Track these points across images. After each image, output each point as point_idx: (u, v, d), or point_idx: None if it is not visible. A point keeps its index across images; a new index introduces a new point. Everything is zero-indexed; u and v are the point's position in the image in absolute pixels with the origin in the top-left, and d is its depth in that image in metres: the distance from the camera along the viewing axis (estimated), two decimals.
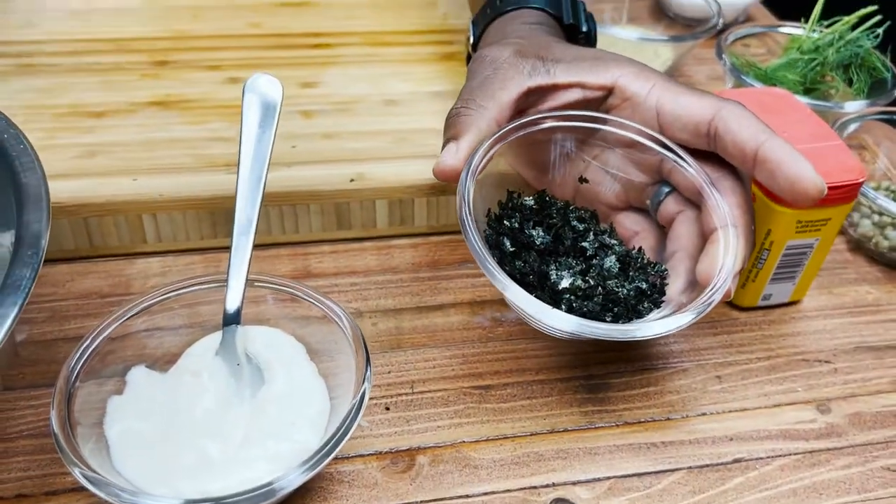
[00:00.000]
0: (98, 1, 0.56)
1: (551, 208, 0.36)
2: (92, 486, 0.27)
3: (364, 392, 0.30)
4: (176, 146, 0.44)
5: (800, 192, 0.32)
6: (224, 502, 0.27)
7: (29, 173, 0.30)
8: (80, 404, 0.30)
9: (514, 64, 0.36)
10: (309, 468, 0.28)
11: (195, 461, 0.30)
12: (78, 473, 0.27)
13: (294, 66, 0.51)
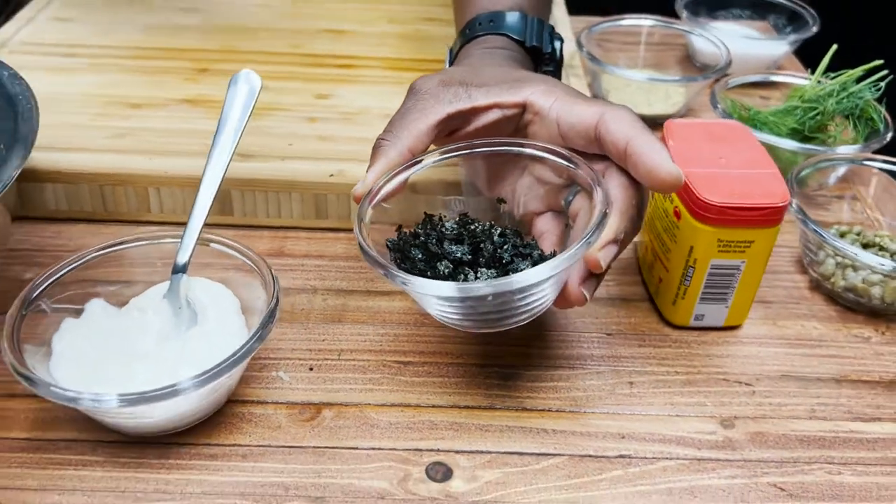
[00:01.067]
0: (167, 18, 0.65)
1: (472, 226, 0.39)
2: (25, 382, 0.32)
3: (264, 327, 0.34)
4: (192, 136, 0.51)
5: (656, 179, 0.34)
6: (127, 396, 0.32)
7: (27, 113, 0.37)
8: (36, 323, 0.36)
9: (435, 94, 0.40)
10: (204, 380, 0.32)
11: (121, 376, 0.35)
12: (12, 370, 0.33)
13: (314, 81, 0.57)
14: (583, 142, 0.38)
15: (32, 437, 0.36)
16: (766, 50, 0.66)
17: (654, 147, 0.35)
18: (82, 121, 0.52)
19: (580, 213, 0.38)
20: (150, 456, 0.36)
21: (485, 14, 0.48)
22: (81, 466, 0.35)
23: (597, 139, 0.37)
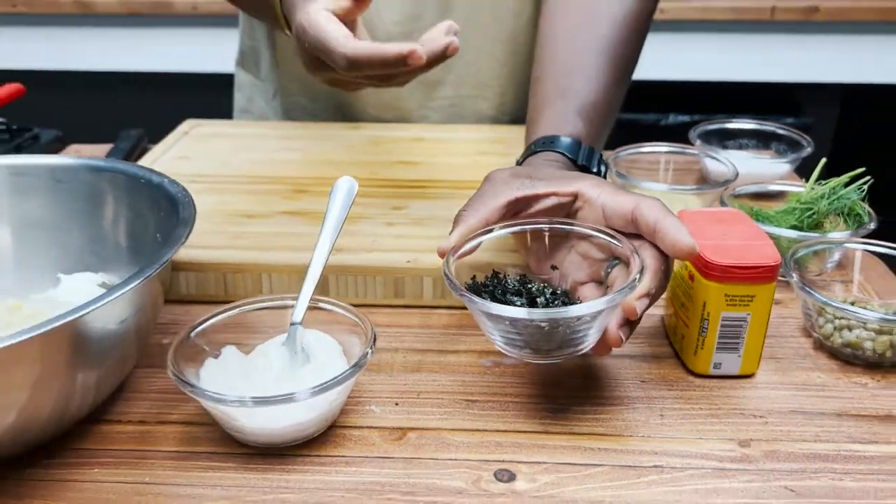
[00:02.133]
0: (270, 156, 0.80)
1: (529, 285, 0.50)
2: (187, 389, 0.42)
3: (361, 362, 0.44)
4: (294, 237, 0.62)
5: (679, 248, 0.44)
6: (258, 398, 0.41)
7: (187, 209, 0.49)
8: (188, 359, 0.46)
9: (506, 181, 0.52)
10: (317, 391, 0.42)
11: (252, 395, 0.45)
12: (177, 380, 0.43)
13: (391, 198, 0.70)
14: (622, 223, 0.49)
15: (180, 450, 0.45)
16: (770, 169, 0.77)
17: (677, 225, 0.46)
18: (207, 227, 0.64)
19: (617, 280, 0.48)
20: (274, 463, 0.44)
21: (548, 136, 0.60)
22: (219, 471, 0.44)
23: (633, 221, 0.48)
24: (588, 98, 0.63)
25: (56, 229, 0.55)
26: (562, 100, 0.64)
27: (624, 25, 0.68)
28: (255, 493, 0.42)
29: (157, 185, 0.53)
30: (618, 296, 0.44)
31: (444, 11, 0.83)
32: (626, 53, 0.68)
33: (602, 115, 0.64)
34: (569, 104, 0.63)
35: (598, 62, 0.65)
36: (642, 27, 0.70)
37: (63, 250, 0.55)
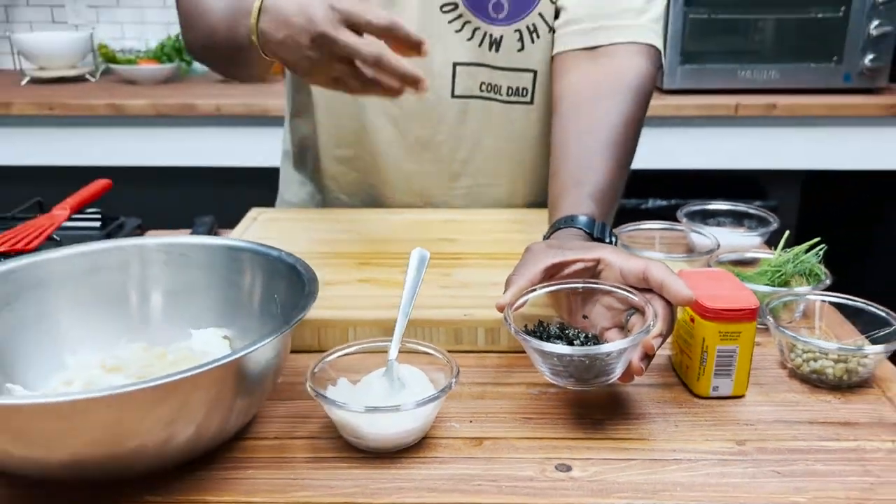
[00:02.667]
0: (334, 237, 0.95)
1: (568, 331, 0.65)
2: (321, 399, 0.56)
3: (449, 385, 0.59)
4: (368, 298, 0.77)
5: (680, 298, 0.60)
6: (371, 407, 0.55)
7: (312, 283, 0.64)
8: (315, 384, 0.60)
9: (543, 251, 0.68)
10: (419, 403, 0.56)
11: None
12: (316, 395, 0.57)
13: (439, 267, 0.85)
14: (635, 280, 0.64)
15: (313, 456, 0.59)
16: (744, 241, 0.94)
17: (678, 281, 0.61)
18: None
19: (636, 325, 0.63)
20: (387, 463, 0.58)
21: (569, 215, 0.76)
22: (347, 469, 0.58)
23: (644, 279, 0.64)
24: (597, 186, 0.80)
25: (192, 293, 0.69)
26: (577, 188, 0.81)
27: (622, 128, 0.85)
28: (377, 483, 0.56)
29: (276, 258, 0.68)
30: (638, 336, 0.59)
31: (460, 122, 1.00)
32: (625, 149, 0.85)
33: (609, 198, 0.81)
34: (583, 191, 0.80)
35: (604, 158, 0.82)
36: (637, 128, 0.88)
37: (196, 310, 0.69)
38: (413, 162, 1.03)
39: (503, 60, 0.98)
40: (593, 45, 0.91)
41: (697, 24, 1.99)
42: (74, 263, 0.66)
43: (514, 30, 0.96)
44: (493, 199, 1.08)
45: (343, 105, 1.02)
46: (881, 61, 1.97)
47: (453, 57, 0.97)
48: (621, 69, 0.89)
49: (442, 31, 0.95)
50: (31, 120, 1.98)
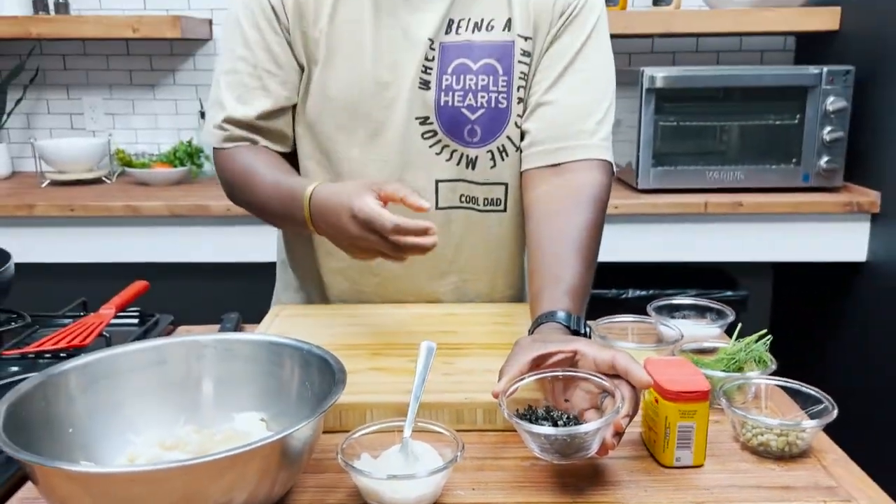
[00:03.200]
0: (345, 331, 1.08)
1: (553, 413, 0.78)
2: (354, 472, 0.68)
3: (456, 458, 0.71)
4: (381, 384, 0.90)
5: (641, 383, 0.74)
6: (393, 474, 0.67)
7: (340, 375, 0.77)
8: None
9: (529, 345, 0.82)
10: (431, 471, 0.68)
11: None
12: (346, 466, 0.69)
13: (441, 356, 0.98)
14: (606, 368, 0.78)
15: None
16: (705, 332, 1.08)
17: (639, 369, 0.75)
18: None
19: (608, 407, 0.76)
20: None
21: (548, 311, 0.90)
22: None
23: (613, 367, 0.77)
24: (571, 284, 0.95)
25: (237, 382, 0.82)
26: (554, 287, 0.95)
27: (587, 233, 1.01)
28: None
29: (308, 351, 0.81)
30: (609, 417, 0.72)
31: (445, 229, 1.15)
32: (591, 250, 1.01)
33: (581, 294, 0.95)
34: (559, 289, 0.94)
35: (574, 259, 0.98)
36: (598, 232, 1.04)
37: (239, 396, 0.82)
38: (402, 266, 1.17)
39: (479, 176, 1.15)
40: (557, 163, 1.09)
41: (667, 130, 2.18)
42: (141, 357, 0.79)
43: (487, 151, 1.13)
44: (477, 294, 1.22)
45: None
46: (836, 163, 2.16)
47: (436, 175, 1.13)
48: (582, 182, 1.06)
49: (425, 155, 1.12)
50: (52, 220, 2.13)
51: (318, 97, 1.09)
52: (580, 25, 1.10)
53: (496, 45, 1.09)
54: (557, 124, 1.09)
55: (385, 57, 1.06)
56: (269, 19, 1.07)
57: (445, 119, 1.10)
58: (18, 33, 2.29)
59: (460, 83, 1.08)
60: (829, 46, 2.31)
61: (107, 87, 2.60)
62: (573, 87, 1.09)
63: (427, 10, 1.07)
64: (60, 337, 0.99)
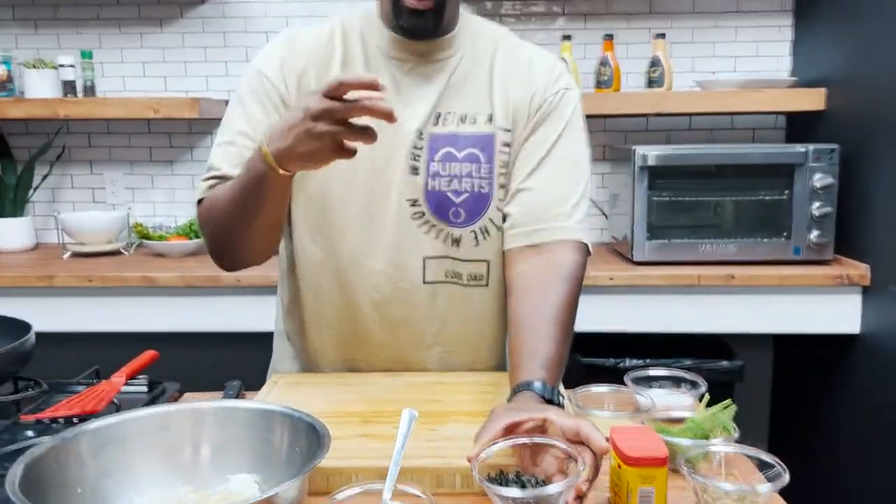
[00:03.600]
0: (341, 395, 1.15)
1: (523, 477, 0.84)
2: None
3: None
4: (370, 451, 0.97)
5: (599, 450, 0.80)
6: None
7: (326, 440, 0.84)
8: None
9: (503, 412, 0.89)
10: None
11: None
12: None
13: (425, 423, 1.05)
14: (571, 435, 0.85)
15: None
16: (679, 401, 1.14)
17: (599, 437, 0.82)
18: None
19: (571, 471, 0.83)
20: None
21: (525, 381, 0.98)
22: None
23: (576, 434, 0.84)
24: (547, 356, 1.02)
25: (233, 446, 0.89)
26: (531, 359, 1.03)
27: (563, 308, 1.09)
28: None
29: (298, 418, 0.88)
30: (571, 480, 0.79)
31: (431, 303, 1.24)
32: (566, 325, 1.09)
33: (556, 364, 1.03)
34: (535, 361, 1.02)
35: (550, 333, 1.06)
36: (573, 307, 1.12)
37: (235, 459, 0.89)
38: (392, 337, 1.26)
39: (463, 254, 1.24)
40: (535, 243, 1.18)
41: (661, 206, 2.27)
42: (147, 423, 0.87)
43: (470, 231, 1.23)
44: (461, 364, 1.30)
45: (329, 294, 1.26)
46: (825, 237, 2.23)
47: (423, 252, 1.22)
48: (558, 262, 1.15)
49: (414, 233, 1.22)
50: (71, 290, 2.23)
51: (319, 180, 1.19)
52: (556, 119, 1.21)
53: (479, 136, 1.20)
54: (536, 208, 1.18)
55: (380, 147, 1.17)
56: (272, 100, 1.18)
57: (433, 202, 1.19)
58: (48, 114, 2.44)
59: (446, 170, 1.19)
60: (817, 125, 2.41)
61: (128, 164, 2.74)
62: (550, 175, 1.19)
63: (417, 104, 1.18)
64: (73, 403, 1.07)
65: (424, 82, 1.21)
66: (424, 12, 1.13)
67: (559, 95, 1.21)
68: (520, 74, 1.23)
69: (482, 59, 1.23)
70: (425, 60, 1.21)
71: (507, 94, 1.22)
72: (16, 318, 1.22)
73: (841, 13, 2.29)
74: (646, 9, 2.61)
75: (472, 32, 1.25)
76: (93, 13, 2.65)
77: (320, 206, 1.21)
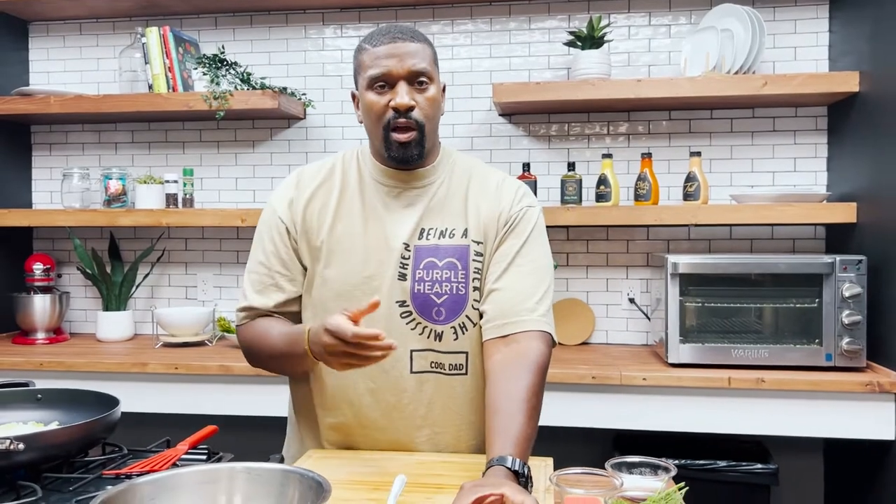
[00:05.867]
0: (356, 468, 1.36)
1: None
2: None
3: None
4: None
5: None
6: None
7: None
8: None
9: (470, 488, 1.09)
10: None
11: None
12: None
13: (426, 492, 1.24)
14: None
15: None
16: (651, 484, 1.29)
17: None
18: None
19: None
20: None
21: (498, 456, 1.17)
22: None
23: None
24: (516, 434, 1.23)
25: (258, 497, 1.11)
26: (503, 437, 1.23)
27: (530, 391, 1.31)
28: None
29: (310, 477, 1.10)
30: None
31: (419, 389, 1.46)
32: (533, 406, 1.30)
33: (524, 441, 1.23)
34: (507, 441, 1.22)
35: (519, 414, 1.26)
36: (540, 390, 1.33)
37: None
38: (386, 420, 1.48)
39: (444, 346, 1.47)
40: (505, 335, 1.40)
41: (693, 311, 2.42)
42: (195, 477, 1.11)
43: (451, 326, 1.47)
44: (446, 444, 1.50)
45: (333, 388, 1.51)
46: (857, 344, 2.31)
47: (410, 346, 1.47)
48: (526, 352, 1.37)
49: (401, 329, 1.46)
50: (160, 377, 2.54)
51: (320, 288, 1.48)
52: (520, 232, 1.48)
53: (456, 247, 1.47)
54: (505, 305, 1.42)
55: (372, 257, 1.45)
56: (281, 235, 1.51)
57: (418, 303, 1.45)
58: (152, 223, 2.84)
59: (429, 276, 1.45)
60: (851, 237, 2.53)
61: (217, 265, 3.10)
62: (516, 277, 1.44)
63: (404, 222, 1.48)
64: (145, 463, 1.32)
65: (410, 204, 1.49)
66: (409, 143, 1.43)
67: (522, 212, 1.49)
68: (489, 196, 1.50)
69: (458, 185, 1.52)
70: (410, 187, 1.50)
71: (479, 213, 1.49)
72: (107, 393, 1.50)
73: (872, 133, 2.44)
74: (685, 129, 2.83)
75: (450, 164, 1.54)
76: (196, 136, 3.08)
77: (323, 308, 1.48)
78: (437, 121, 1.49)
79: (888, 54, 2.32)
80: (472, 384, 1.49)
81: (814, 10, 2.74)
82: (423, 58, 1.42)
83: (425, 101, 1.43)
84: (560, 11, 2.87)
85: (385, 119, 1.42)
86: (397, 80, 1.41)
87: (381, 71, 1.41)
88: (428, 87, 1.44)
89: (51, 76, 3.17)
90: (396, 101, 1.40)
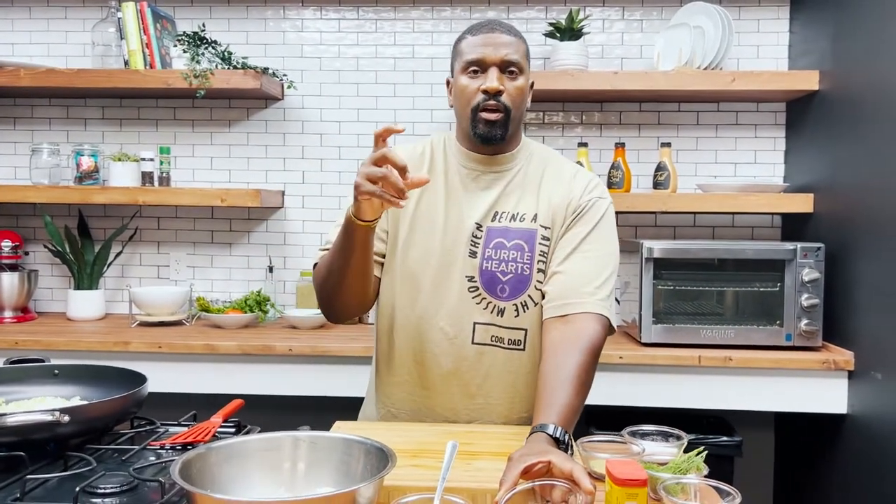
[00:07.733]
0: (398, 436, 1.43)
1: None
2: None
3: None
4: (420, 473, 1.24)
5: (585, 490, 1.08)
6: None
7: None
8: None
9: (518, 458, 1.16)
10: None
11: None
12: None
13: (466, 459, 1.32)
14: (566, 477, 1.12)
15: None
16: (666, 450, 1.40)
17: (586, 480, 1.10)
18: None
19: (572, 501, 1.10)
20: None
21: (541, 424, 1.26)
22: None
23: (570, 476, 1.11)
24: (561, 405, 1.31)
25: (321, 464, 1.17)
26: (549, 407, 1.32)
27: (579, 369, 1.39)
28: None
29: (371, 443, 1.17)
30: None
31: (477, 360, 1.55)
32: (581, 382, 1.39)
33: (568, 413, 1.32)
34: (552, 410, 1.31)
35: (565, 389, 1.34)
36: (589, 369, 1.42)
37: (321, 474, 1.17)
38: (444, 385, 1.56)
39: (506, 322, 1.56)
40: (563, 314, 1.48)
41: (666, 293, 2.56)
42: (257, 444, 1.16)
43: (513, 304, 1.55)
44: (498, 414, 1.59)
45: (401, 348, 1.59)
46: (814, 326, 2.49)
47: (474, 318, 1.56)
48: (581, 331, 1.45)
49: (469, 303, 1.55)
50: (144, 355, 2.53)
51: (401, 256, 1.56)
52: (588, 220, 1.58)
53: (525, 231, 1.56)
54: (566, 287, 1.51)
55: (449, 233, 1.53)
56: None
57: (485, 279, 1.54)
58: (128, 201, 2.81)
59: (497, 255, 1.55)
60: (807, 225, 2.72)
61: (191, 245, 3.09)
62: (579, 262, 1.53)
63: (480, 204, 1.58)
64: (188, 434, 1.36)
65: (487, 188, 1.60)
66: (495, 122, 1.53)
67: (592, 202, 1.58)
68: (562, 185, 1.61)
69: (534, 173, 1.63)
70: (489, 171, 1.61)
71: (550, 200, 1.59)
72: (133, 370, 1.52)
73: (828, 129, 2.61)
74: (654, 121, 2.96)
75: (528, 153, 1.65)
76: (170, 114, 3.05)
77: (400, 273, 1.57)
78: (522, 111, 1.60)
79: (847, 55, 2.49)
80: (529, 360, 1.58)
81: (775, 11, 2.90)
82: (516, 50, 1.54)
83: (514, 88, 1.54)
84: (538, 2, 2.95)
85: (475, 101, 1.53)
86: (490, 66, 1.52)
87: (476, 56, 1.52)
88: (517, 77, 1.55)
89: (15, 48, 3.08)
90: (487, 84, 1.51)
